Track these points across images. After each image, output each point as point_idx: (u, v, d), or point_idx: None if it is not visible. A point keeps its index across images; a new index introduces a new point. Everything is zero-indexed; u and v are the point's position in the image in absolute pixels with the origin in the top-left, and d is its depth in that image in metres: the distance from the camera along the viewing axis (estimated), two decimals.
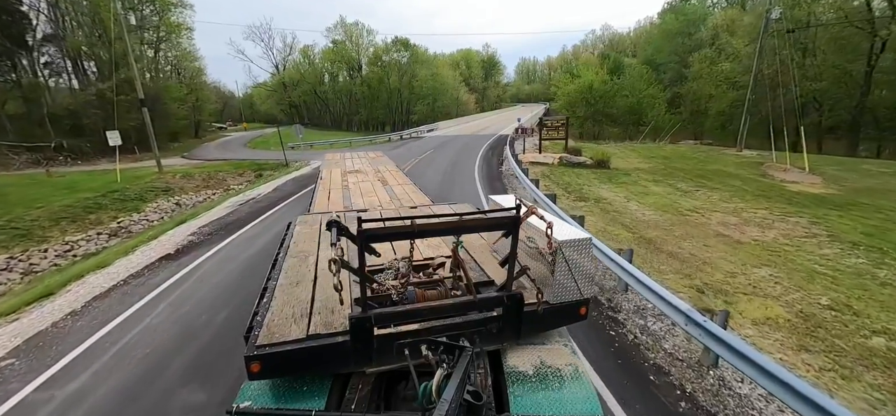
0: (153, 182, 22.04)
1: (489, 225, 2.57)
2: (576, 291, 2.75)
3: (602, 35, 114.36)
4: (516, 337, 2.68)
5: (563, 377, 2.47)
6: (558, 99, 52.73)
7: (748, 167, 20.99)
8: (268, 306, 2.75)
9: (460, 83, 78.43)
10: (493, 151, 25.57)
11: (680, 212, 12.32)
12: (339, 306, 2.58)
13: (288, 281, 3.16)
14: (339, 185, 7.82)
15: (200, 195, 22.23)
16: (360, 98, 70.16)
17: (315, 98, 75.26)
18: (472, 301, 2.51)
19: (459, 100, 76.39)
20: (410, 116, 70.28)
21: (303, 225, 4.72)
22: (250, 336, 2.43)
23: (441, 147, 28.62)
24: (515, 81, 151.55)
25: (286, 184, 18.63)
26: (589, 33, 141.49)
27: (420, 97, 68.24)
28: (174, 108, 38.69)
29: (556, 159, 20.84)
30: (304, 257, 3.69)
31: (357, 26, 70.85)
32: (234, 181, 24.73)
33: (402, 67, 69.85)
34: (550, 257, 2.71)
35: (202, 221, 12.32)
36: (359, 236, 2.06)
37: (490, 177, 17.39)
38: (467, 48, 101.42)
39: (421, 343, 2.23)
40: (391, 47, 70.46)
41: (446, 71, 73.79)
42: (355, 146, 34.21)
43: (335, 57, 70.85)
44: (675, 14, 55.29)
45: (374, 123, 72.85)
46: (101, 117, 32.81)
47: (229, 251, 9.42)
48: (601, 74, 49.28)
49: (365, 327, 2.24)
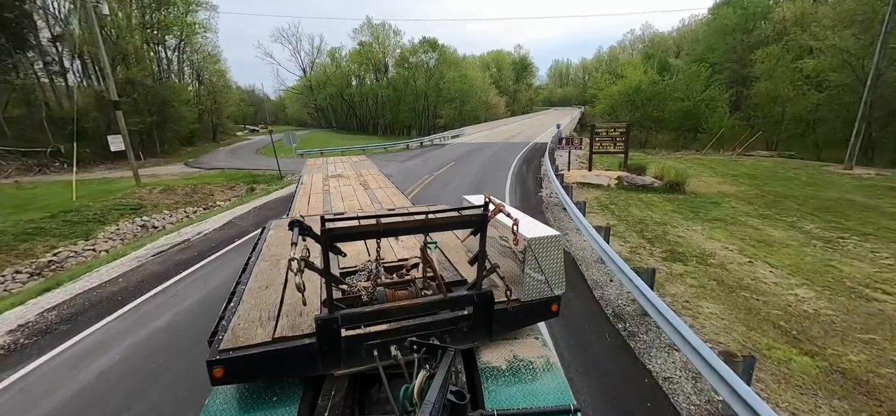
0: (123, 198, 18.61)
1: (457, 224, 2.54)
2: (547, 288, 2.72)
3: (642, 35, 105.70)
4: (488, 336, 2.63)
5: (536, 369, 2.46)
6: (599, 102, 46.86)
7: (883, 195, 15.04)
8: (235, 310, 2.60)
9: (490, 85, 73.35)
10: (527, 166, 20.63)
11: (853, 290, 7.10)
12: (308, 308, 2.50)
13: (257, 285, 3.01)
14: (319, 189, 7.56)
15: (178, 214, 18.64)
16: (384, 101, 66.58)
17: (341, 101, 72.39)
18: (442, 300, 2.46)
19: (488, 103, 71.40)
20: (436, 119, 66.01)
21: (277, 229, 4.56)
22: (214, 341, 2.27)
23: (464, 159, 23.91)
24: (547, 84, 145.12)
25: (264, 209, 14.48)
26: (627, 33, 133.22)
27: (447, 100, 63.77)
28: (184, 111, 35.93)
29: (613, 179, 15.74)
30: (276, 261, 3.52)
31: (384, 27, 67.42)
32: (222, 196, 21.07)
33: (429, 69, 65.78)
34: (520, 255, 2.71)
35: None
36: (322, 236, 2.01)
37: (527, 207, 12.56)
38: (498, 49, 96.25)
39: (390, 344, 2.23)
40: (418, 48, 66.54)
41: (475, 72, 68.93)
42: (368, 154, 30.15)
43: (361, 59, 67.62)
44: (732, 8, 48.00)
45: (399, 126, 69.18)
46: (104, 121, 30.37)
47: None
48: (650, 74, 43.11)
49: (332, 328, 2.17)
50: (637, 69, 45.19)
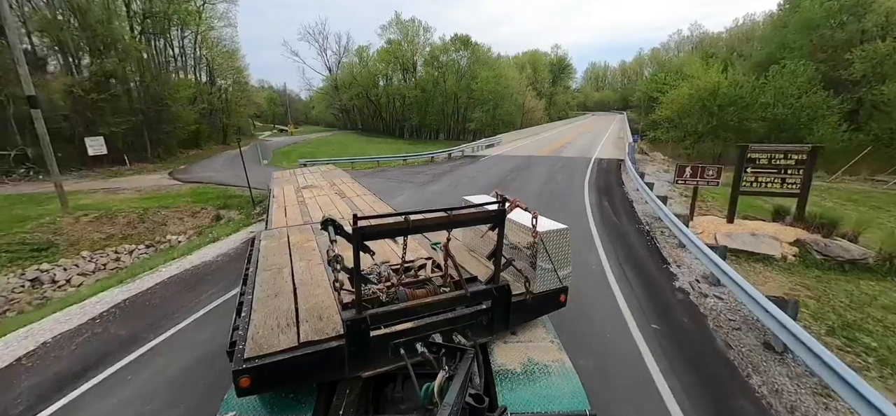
0: (33, 231, 13.02)
1: (478, 219, 2.51)
2: (556, 279, 2.79)
3: (690, 36, 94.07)
4: (506, 327, 2.66)
5: (551, 372, 2.42)
6: (662, 107, 38.76)
7: None
8: (249, 320, 2.53)
9: (527, 87, 65.87)
10: (609, 202, 13.63)
11: None
12: (326, 312, 2.52)
13: (265, 294, 2.92)
14: (294, 201, 7.20)
15: (101, 257, 12.85)
16: (412, 102, 60.49)
17: (367, 102, 66.87)
18: (463, 295, 2.48)
19: (526, 107, 64.03)
20: (467, 123, 59.27)
21: (269, 240, 4.42)
22: (235, 351, 2.22)
23: (511, 186, 17.08)
24: (583, 88, 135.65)
25: (198, 275, 8.12)
26: (673, 34, 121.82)
27: (479, 103, 56.86)
28: (181, 110, 30.81)
29: (786, 245, 8.62)
30: (278, 269, 3.42)
31: (413, 23, 61.30)
32: (178, 226, 15.20)
33: (460, 69, 59.10)
34: (532, 248, 2.77)
35: None
36: (354, 234, 1.98)
37: (674, 328, 5.72)
38: (534, 49, 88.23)
39: (416, 342, 2.25)
40: (450, 46, 59.96)
41: (511, 73, 61.62)
42: (382, 166, 23.85)
43: (389, 58, 61.78)
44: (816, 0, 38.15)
45: (427, 130, 62.95)
46: (82, 121, 25.52)
47: None
48: (732, 74, 34.86)
49: (360, 328, 2.14)
50: (713, 69, 36.80)
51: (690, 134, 37.28)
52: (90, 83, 23.79)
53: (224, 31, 46.32)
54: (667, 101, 38.09)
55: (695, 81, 35.93)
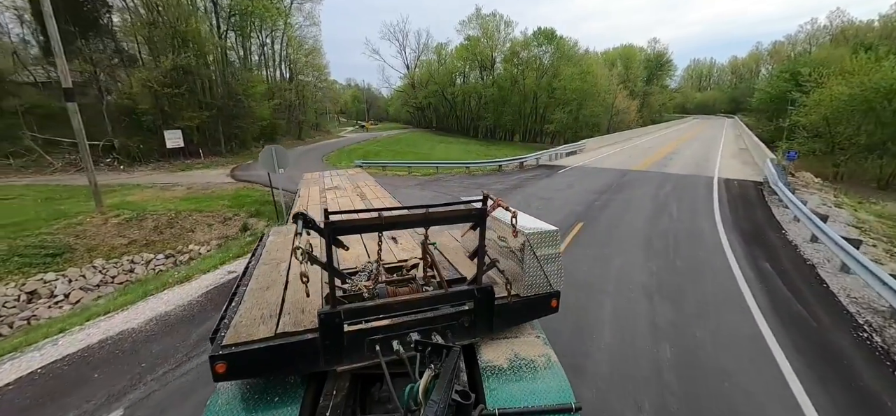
0: (56, 232, 12.00)
1: (456, 217, 2.40)
2: (546, 283, 2.64)
3: (829, 25, 75.63)
4: (489, 331, 2.53)
5: (537, 367, 2.36)
6: (808, 110, 30.09)
7: None
8: (236, 310, 2.49)
9: (618, 86, 58.01)
10: (767, 258, 8.69)
11: None
12: (309, 306, 2.45)
13: (258, 286, 2.87)
14: (317, 201, 7.11)
15: (116, 267, 11.39)
16: (487, 101, 56.65)
17: (442, 100, 64.61)
18: (443, 295, 2.39)
19: (616, 107, 56.44)
20: (545, 125, 53.73)
21: (277, 235, 4.29)
22: (216, 338, 2.20)
23: (599, 213, 12.62)
24: (682, 87, 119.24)
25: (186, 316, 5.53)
26: (805, 24, 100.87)
27: (561, 103, 51.01)
28: (255, 106, 30.83)
29: None
30: (277, 264, 3.35)
31: (494, 18, 57.19)
32: (206, 234, 13.45)
33: (542, 66, 53.73)
34: (519, 251, 2.62)
35: None
36: (325, 228, 1.96)
37: None
38: (627, 44, 78.43)
39: (392, 339, 2.16)
40: (531, 41, 54.83)
41: (599, 70, 54.47)
42: (442, 172, 20.59)
43: (468, 55, 58.60)
44: None
45: (502, 130, 58.69)
46: (161, 115, 26.26)
47: None
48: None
49: (334, 322, 2.09)
50: (884, 61, 27.37)
51: (845, 147, 28.34)
52: (166, 78, 24.02)
53: (308, 29, 47.25)
54: (812, 103, 29.40)
55: (857, 78, 26.97)
